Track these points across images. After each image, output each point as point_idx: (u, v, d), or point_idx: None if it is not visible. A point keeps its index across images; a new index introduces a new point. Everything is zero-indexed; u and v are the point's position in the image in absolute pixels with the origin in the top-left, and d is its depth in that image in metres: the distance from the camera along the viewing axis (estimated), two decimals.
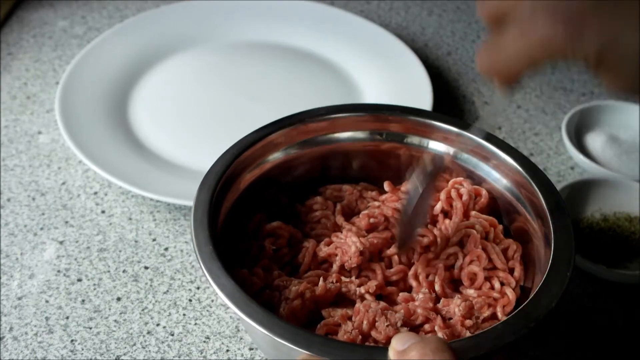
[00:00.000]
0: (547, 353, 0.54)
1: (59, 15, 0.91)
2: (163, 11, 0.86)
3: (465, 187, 0.53)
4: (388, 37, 0.82)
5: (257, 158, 0.54)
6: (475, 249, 0.51)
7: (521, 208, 0.51)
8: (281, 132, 0.54)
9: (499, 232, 0.52)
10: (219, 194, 0.49)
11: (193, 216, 0.47)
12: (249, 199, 0.53)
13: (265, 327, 0.40)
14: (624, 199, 0.64)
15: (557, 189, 0.49)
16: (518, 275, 0.50)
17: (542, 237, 0.48)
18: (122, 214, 0.65)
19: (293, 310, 0.47)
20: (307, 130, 0.55)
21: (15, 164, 0.70)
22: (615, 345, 0.55)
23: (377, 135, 0.57)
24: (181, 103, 0.76)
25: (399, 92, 0.75)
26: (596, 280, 0.59)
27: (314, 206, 0.56)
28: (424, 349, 0.36)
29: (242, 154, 0.52)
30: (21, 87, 0.80)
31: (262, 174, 0.54)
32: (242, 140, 0.53)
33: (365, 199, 0.56)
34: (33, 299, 0.58)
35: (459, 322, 0.46)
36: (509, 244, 0.51)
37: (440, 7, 0.94)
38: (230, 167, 0.51)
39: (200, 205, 0.48)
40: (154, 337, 0.55)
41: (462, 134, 0.54)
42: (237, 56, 0.83)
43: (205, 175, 0.50)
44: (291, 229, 0.53)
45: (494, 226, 0.52)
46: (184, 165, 0.68)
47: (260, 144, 0.53)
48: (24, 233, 0.63)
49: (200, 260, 0.44)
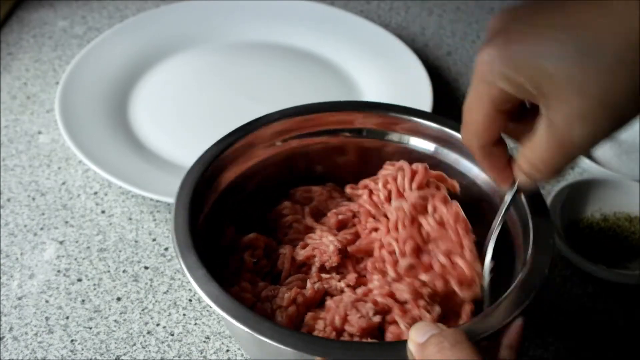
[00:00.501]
0: (547, 353, 0.54)
1: (59, 15, 0.91)
2: (163, 11, 0.86)
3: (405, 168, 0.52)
4: (388, 37, 0.82)
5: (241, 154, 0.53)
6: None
7: (496, 200, 0.50)
8: (246, 137, 0.54)
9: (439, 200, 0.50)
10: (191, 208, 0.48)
11: (174, 225, 0.47)
12: (220, 212, 0.52)
13: (268, 337, 0.40)
14: (624, 199, 0.64)
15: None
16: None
17: (519, 221, 0.48)
18: (122, 214, 0.65)
19: (290, 317, 0.46)
20: (274, 131, 0.55)
21: (15, 164, 0.70)
22: (615, 345, 0.55)
23: (347, 132, 0.56)
24: (181, 103, 0.76)
25: (398, 92, 0.75)
26: (596, 280, 0.59)
27: (284, 211, 0.54)
28: (442, 342, 0.36)
29: (217, 158, 0.52)
30: (21, 87, 0.80)
31: (230, 183, 0.53)
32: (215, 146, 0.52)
33: (334, 199, 0.55)
34: (33, 299, 0.58)
35: (414, 306, 0.46)
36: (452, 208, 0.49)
37: (440, 7, 0.94)
38: (199, 179, 0.50)
39: (180, 212, 0.47)
40: (154, 337, 0.55)
41: (443, 130, 0.53)
42: (237, 56, 0.83)
43: (177, 191, 0.49)
44: (265, 238, 0.52)
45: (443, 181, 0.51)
46: (184, 165, 0.68)
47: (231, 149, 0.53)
48: (24, 233, 0.63)
49: (186, 269, 0.44)
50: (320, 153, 0.57)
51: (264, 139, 0.54)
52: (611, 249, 0.61)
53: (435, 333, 0.37)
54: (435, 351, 0.36)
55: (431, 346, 0.36)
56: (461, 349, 0.35)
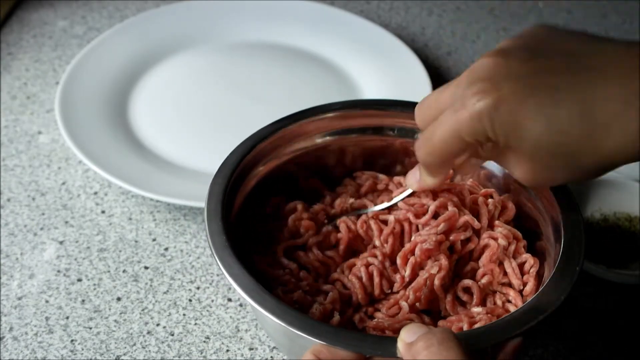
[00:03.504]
0: (547, 353, 0.54)
1: (59, 15, 0.91)
2: (163, 11, 0.86)
3: (494, 197, 0.52)
4: (388, 37, 0.82)
5: (272, 150, 0.54)
6: (490, 263, 0.49)
7: (529, 205, 0.51)
8: (297, 124, 0.54)
9: (521, 247, 0.51)
10: (233, 185, 0.49)
11: (207, 207, 0.47)
12: (264, 190, 0.53)
13: (279, 317, 0.41)
14: (624, 199, 0.64)
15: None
16: (530, 290, 0.49)
17: (552, 233, 0.48)
18: (122, 214, 0.65)
19: (324, 311, 0.47)
20: (324, 124, 0.55)
21: (15, 164, 0.70)
22: (615, 345, 0.55)
23: (390, 131, 0.57)
24: (181, 103, 0.76)
25: (398, 92, 0.75)
26: (596, 280, 0.59)
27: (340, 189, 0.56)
28: (430, 340, 0.36)
29: (257, 145, 0.52)
30: (21, 87, 0.80)
31: (278, 165, 0.54)
32: (258, 133, 0.53)
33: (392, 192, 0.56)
34: (33, 299, 0.58)
35: None
36: (526, 259, 0.50)
37: (440, 7, 0.94)
38: (244, 158, 0.51)
39: (214, 196, 0.48)
40: (154, 337, 0.55)
41: None
42: (237, 56, 0.83)
43: (219, 166, 0.50)
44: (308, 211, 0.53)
45: (517, 239, 0.51)
46: (184, 165, 0.68)
47: (275, 136, 0.53)
48: (24, 233, 0.63)
49: (214, 251, 0.44)
50: (355, 151, 0.57)
51: (308, 132, 0.55)
52: (611, 249, 0.61)
53: (424, 332, 0.37)
54: (423, 348, 0.36)
55: (420, 343, 0.36)
56: (448, 348, 0.36)
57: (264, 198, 0.54)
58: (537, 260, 0.50)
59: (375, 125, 0.56)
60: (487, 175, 0.54)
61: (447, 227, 0.49)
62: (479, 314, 0.48)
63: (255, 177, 0.53)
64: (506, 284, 0.50)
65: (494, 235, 0.50)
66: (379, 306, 0.50)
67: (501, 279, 0.50)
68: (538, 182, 0.42)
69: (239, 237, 0.49)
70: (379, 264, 0.50)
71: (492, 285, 0.49)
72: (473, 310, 0.48)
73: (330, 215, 0.54)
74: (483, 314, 0.48)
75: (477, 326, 0.46)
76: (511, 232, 0.51)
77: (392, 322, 0.47)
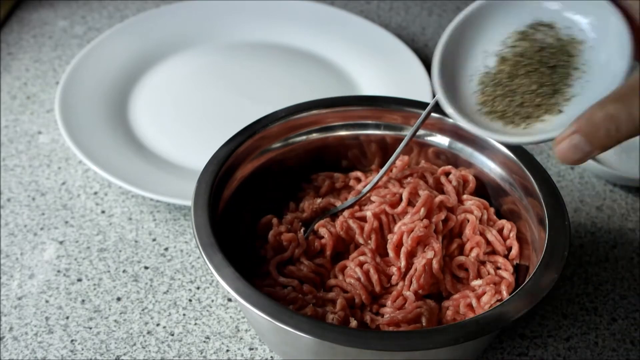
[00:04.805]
0: (547, 353, 0.54)
1: (59, 15, 0.91)
2: (163, 11, 0.86)
3: (453, 173, 0.54)
4: (388, 37, 0.82)
5: (251, 152, 0.55)
6: (475, 236, 0.51)
7: (511, 189, 0.52)
8: (273, 126, 0.55)
9: (492, 214, 0.53)
10: (215, 191, 0.50)
11: (193, 212, 0.48)
12: (242, 197, 0.54)
13: (274, 318, 0.41)
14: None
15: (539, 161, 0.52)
16: (515, 253, 0.51)
17: (535, 216, 0.49)
18: (122, 214, 0.65)
19: (340, 320, 0.48)
20: (299, 123, 0.56)
21: (15, 164, 0.70)
22: (615, 345, 0.55)
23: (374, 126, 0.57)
24: (181, 103, 0.76)
25: (398, 92, 0.75)
26: (596, 280, 0.59)
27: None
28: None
29: (236, 150, 0.53)
30: (21, 87, 0.80)
31: (256, 168, 0.55)
32: (234, 138, 0.54)
33: (352, 187, 0.57)
34: (33, 299, 0.58)
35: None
36: (503, 224, 0.52)
37: (440, 7, 0.94)
38: (224, 164, 0.52)
39: (200, 198, 0.48)
40: (154, 337, 0.55)
41: (457, 125, 0.54)
42: (237, 56, 0.83)
43: (200, 172, 0.51)
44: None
45: (486, 208, 0.53)
46: (184, 165, 0.68)
47: (250, 141, 0.54)
48: (24, 233, 0.63)
49: (205, 255, 0.45)
50: (337, 147, 0.58)
51: (281, 133, 0.56)
52: None
53: None
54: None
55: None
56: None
57: (241, 208, 0.54)
58: (513, 224, 0.52)
59: (320, 126, 0.57)
60: (435, 152, 0.56)
61: (427, 211, 0.50)
62: (480, 286, 0.49)
63: (233, 187, 0.54)
64: (490, 253, 0.52)
65: (468, 209, 0.52)
66: (383, 301, 0.50)
67: (484, 248, 0.51)
68: None
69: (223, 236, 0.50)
70: (371, 261, 0.50)
71: (479, 256, 0.51)
72: (474, 284, 0.50)
73: (303, 220, 0.54)
74: (484, 285, 0.49)
75: (484, 297, 0.48)
76: (480, 202, 0.53)
77: (404, 315, 0.47)
